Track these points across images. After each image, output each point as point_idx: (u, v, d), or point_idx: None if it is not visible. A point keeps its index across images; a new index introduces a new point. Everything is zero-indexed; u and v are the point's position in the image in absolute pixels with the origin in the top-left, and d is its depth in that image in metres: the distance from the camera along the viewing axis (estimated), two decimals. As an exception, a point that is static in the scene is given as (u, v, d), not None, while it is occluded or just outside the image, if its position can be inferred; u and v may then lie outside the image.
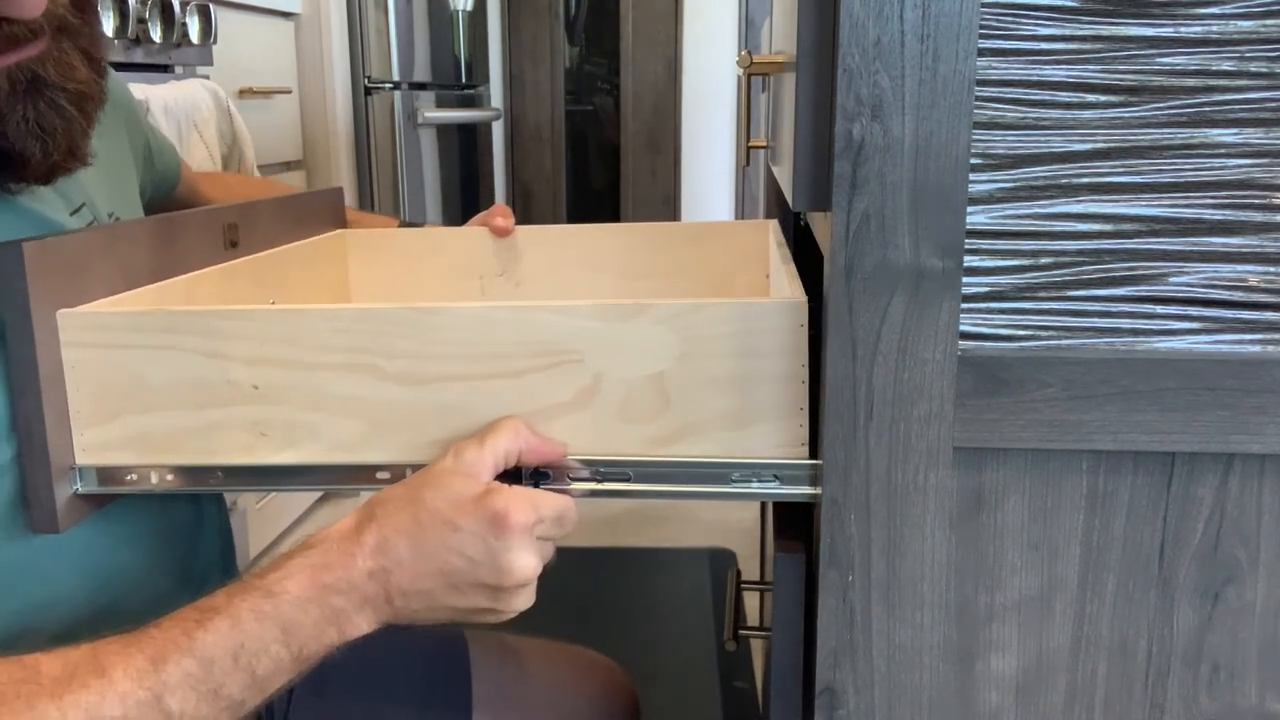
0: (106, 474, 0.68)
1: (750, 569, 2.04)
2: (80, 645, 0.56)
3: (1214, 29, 0.51)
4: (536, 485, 0.64)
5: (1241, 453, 0.55)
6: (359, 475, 0.66)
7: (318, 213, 1.11)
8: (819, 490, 0.60)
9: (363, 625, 0.60)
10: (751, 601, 1.72)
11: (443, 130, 2.93)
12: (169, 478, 0.68)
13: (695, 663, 1.79)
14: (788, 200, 0.61)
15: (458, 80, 3.08)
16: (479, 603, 0.61)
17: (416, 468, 0.65)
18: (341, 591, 0.59)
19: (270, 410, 0.66)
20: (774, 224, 1.04)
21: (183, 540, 0.82)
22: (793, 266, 0.76)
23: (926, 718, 0.61)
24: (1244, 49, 0.51)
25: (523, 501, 0.60)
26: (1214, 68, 0.52)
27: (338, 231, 1.12)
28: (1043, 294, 0.55)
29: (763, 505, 1.32)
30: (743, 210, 3.77)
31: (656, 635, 1.90)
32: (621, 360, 0.63)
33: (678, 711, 1.66)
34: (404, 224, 1.18)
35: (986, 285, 0.55)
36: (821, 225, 0.62)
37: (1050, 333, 0.55)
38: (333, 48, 2.45)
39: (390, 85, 2.61)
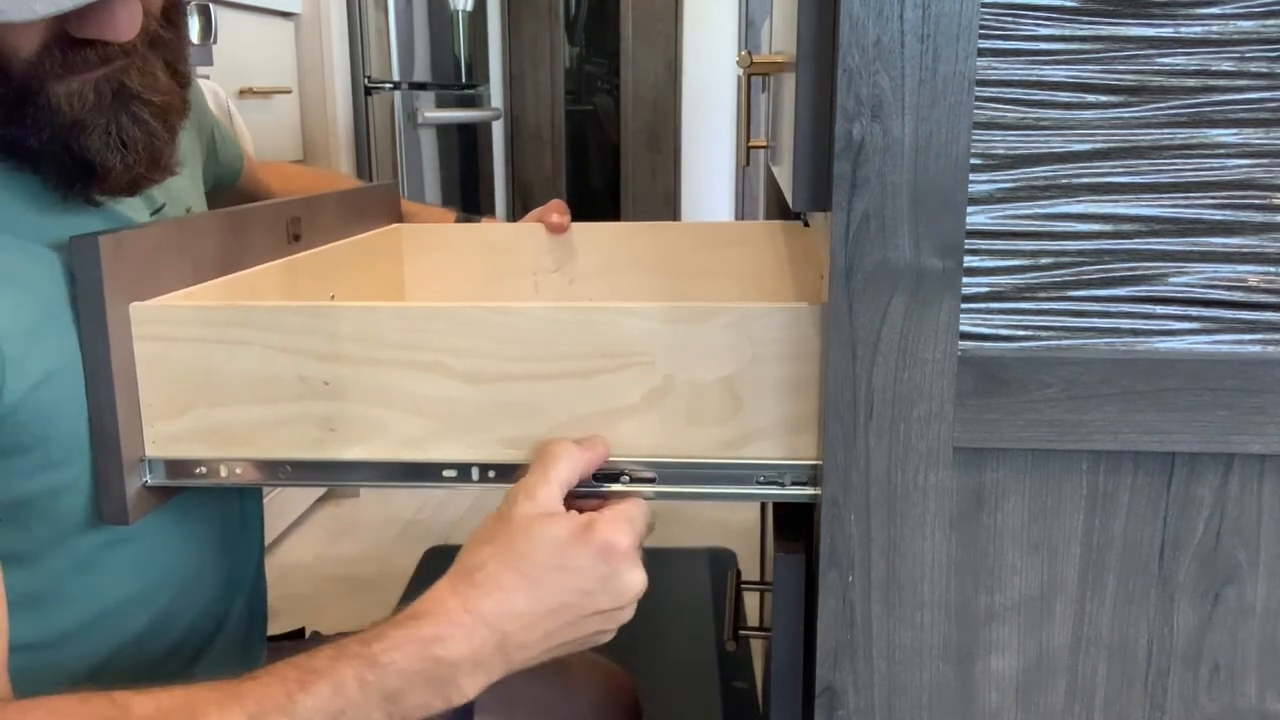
0: (176, 466, 0.68)
1: (750, 569, 2.04)
2: (173, 689, 0.56)
3: (1214, 29, 0.51)
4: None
5: (1241, 453, 0.55)
6: (426, 472, 0.66)
7: (375, 206, 1.11)
8: (819, 490, 0.60)
9: (469, 691, 0.59)
10: (751, 601, 1.72)
11: (443, 130, 2.93)
12: (238, 471, 0.68)
13: (695, 663, 1.79)
14: (788, 200, 0.61)
15: (458, 80, 3.08)
16: (594, 627, 0.61)
17: (483, 467, 0.65)
18: (453, 663, 0.58)
19: (340, 406, 0.66)
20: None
21: (230, 544, 0.83)
22: None
23: (926, 718, 0.61)
24: (1244, 49, 0.51)
25: (621, 523, 0.60)
26: (1214, 68, 0.52)
27: (393, 226, 1.13)
28: (1043, 294, 0.55)
29: (763, 505, 1.32)
30: (743, 210, 3.77)
31: (656, 635, 1.90)
32: (691, 363, 0.63)
33: (678, 711, 1.66)
34: (460, 218, 1.19)
35: (986, 285, 0.55)
36: (821, 225, 0.62)
37: (1050, 333, 0.55)
38: (333, 48, 2.45)
39: (390, 85, 2.61)
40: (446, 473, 0.66)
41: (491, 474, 0.66)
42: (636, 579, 0.60)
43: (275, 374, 0.66)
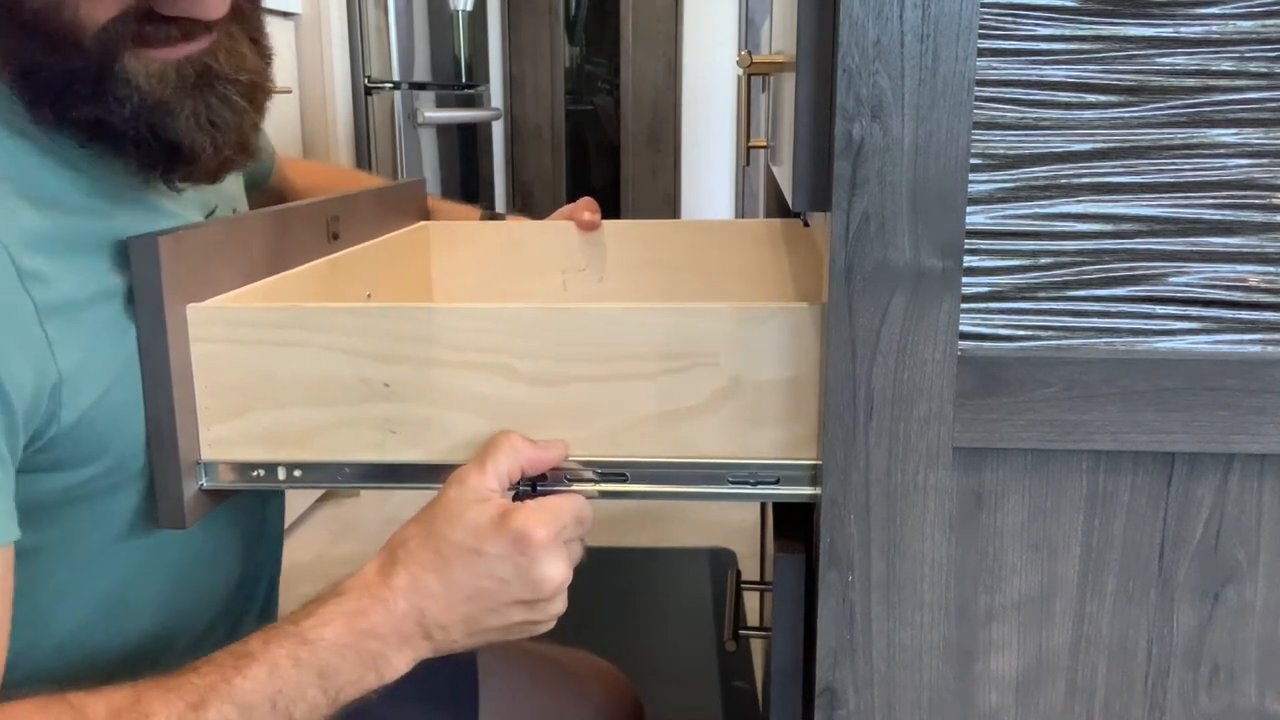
0: (233, 469, 0.68)
1: (750, 569, 2.04)
2: (122, 687, 0.57)
3: (1214, 29, 0.51)
4: (534, 489, 0.64)
5: (1241, 453, 0.55)
6: None
7: (404, 204, 1.11)
8: (819, 490, 0.60)
9: (400, 665, 0.60)
10: (751, 601, 1.72)
11: (443, 130, 2.93)
12: (296, 473, 0.67)
13: (695, 663, 1.79)
14: (788, 200, 0.61)
15: (458, 80, 3.08)
16: (517, 617, 0.61)
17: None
18: (379, 635, 0.59)
19: (400, 408, 0.65)
20: None
21: (247, 550, 0.83)
22: None
23: (926, 718, 0.60)
24: (1244, 49, 0.51)
25: (541, 514, 0.60)
26: (1214, 68, 0.52)
27: (421, 224, 1.13)
28: (1043, 294, 0.55)
29: (763, 505, 1.32)
30: (743, 210, 3.77)
31: (656, 635, 1.89)
32: (756, 363, 0.62)
33: (678, 711, 1.66)
34: (485, 215, 1.18)
35: (986, 285, 0.55)
36: (821, 225, 0.62)
37: (1050, 333, 0.55)
38: (333, 48, 2.45)
39: (390, 85, 2.61)
40: None
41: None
42: (554, 570, 0.60)
43: (335, 376, 0.65)
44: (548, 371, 0.64)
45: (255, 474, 0.68)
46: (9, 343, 0.57)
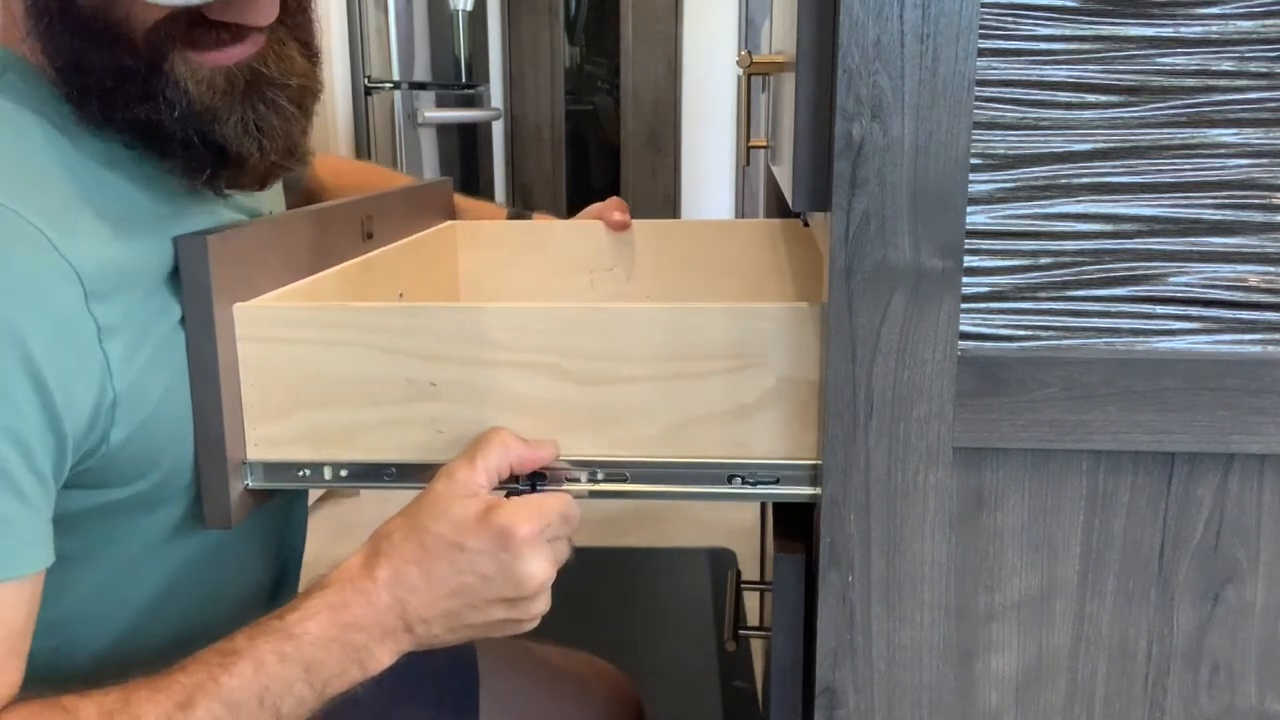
0: (278, 469, 0.68)
1: (750, 569, 2.04)
2: (112, 689, 0.57)
3: (1214, 29, 0.51)
4: (534, 488, 0.64)
5: (1241, 453, 0.55)
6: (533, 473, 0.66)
7: (433, 203, 1.12)
8: (819, 490, 0.60)
9: (384, 659, 0.60)
10: (751, 601, 1.72)
11: (443, 130, 2.93)
12: (343, 473, 0.67)
13: (695, 663, 1.79)
14: (788, 200, 0.61)
15: (458, 80, 3.08)
16: (498, 615, 0.61)
17: (591, 466, 0.65)
18: (362, 628, 0.60)
19: (447, 408, 0.65)
20: None
21: (271, 547, 0.83)
22: None
23: (926, 718, 0.60)
24: (1244, 49, 0.51)
25: (525, 511, 0.60)
26: (1214, 68, 0.52)
27: (448, 223, 1.13)
28: (1043, 294, 0.55)
29: (763, 505, 1.32)
30: (743, 210, 3.77)
31: (656, 635, 1.89)
32: (802, 363, 0.62)
33: (678, 711, 1.66)
34: (511, 214, 1.18)
35: (986, 285, 0.55)
36: (821, 225, 0.62)
37: (1050, 333, 0.55)
38: (333, 48, 2.45)
39: (390, 85, 2.61)
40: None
41: (600, 475, 0.65)
42: (537, 569, 0.60)
43: (381, 375, 0.65)
44: (595, 371, 0.64)
45: (301, 474, 0.68)
46: (71, 367, 0.57)
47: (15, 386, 0.55)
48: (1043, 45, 0.52)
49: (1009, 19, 0.52)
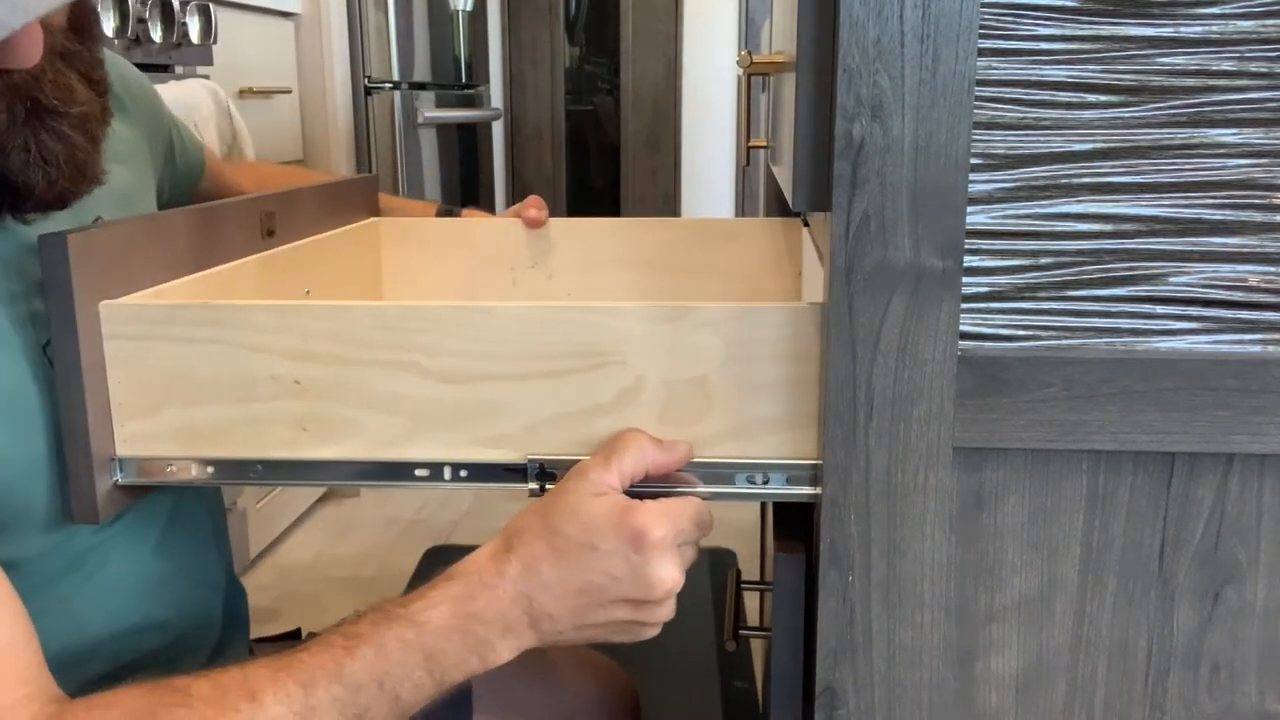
0: (147, 465, 0.68)
1: (750, 569, 2.04)
2: (229, 668, 0.58)
3: (1214, 29, 0.51)
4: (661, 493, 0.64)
5: (1241, 453, 0.55)
6: (399, 472, 0.66)
7: (352, 200, 1.11)
8: (819, 490, 0.60)
9: (504, 653, 0.61)
10: (751, 601, 1.72)
11: (443, 130, 2.93)
12: (209, 470, 0.68)
13: (695, 663, 1.79)
14: (788, 200, 0.61)
15: (458, 80, 3.08)
16: (623, 615, 0.61)
17: (455, 466, 0.65)
18: (485, 621, 0.60)
19: (312, 405, 0.66)
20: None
21: (199, 543, 0.83)
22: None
23: (926, 718, 0.60)
24: (1244, 49, 0.51)
25: (660, 516, 0.60)
26: (1214, 68, 0.52)
27: (371, 220, 1.12)
28: (1043, 294, 0.55)
29: (763, 505, 1.32)
30: (743, 210, 3.77)
31: (656, 635, 1.90)
32: (664, 363, 0.63)
33: (678, 711, 1.66)
34: (440, 210, 1.18)
35: (986, 285, 0.55)
36: (821, 225, 0.62)
37: (1050, 333, 0.55)
38: (333, 48, 2.45)
39: (390, 85, 2.61)
40: (419, 472, 0.66)
41: (464, 473, 0.66)
42: (667, 573, 0.60)
43: (247, 373, 0.65)
44: (458, 369, 0.64)
45: (169, 470, 0.68)
46: None
47: None
48: (1043, 45, 0.52)
49: (1009, 19, 0.52)
